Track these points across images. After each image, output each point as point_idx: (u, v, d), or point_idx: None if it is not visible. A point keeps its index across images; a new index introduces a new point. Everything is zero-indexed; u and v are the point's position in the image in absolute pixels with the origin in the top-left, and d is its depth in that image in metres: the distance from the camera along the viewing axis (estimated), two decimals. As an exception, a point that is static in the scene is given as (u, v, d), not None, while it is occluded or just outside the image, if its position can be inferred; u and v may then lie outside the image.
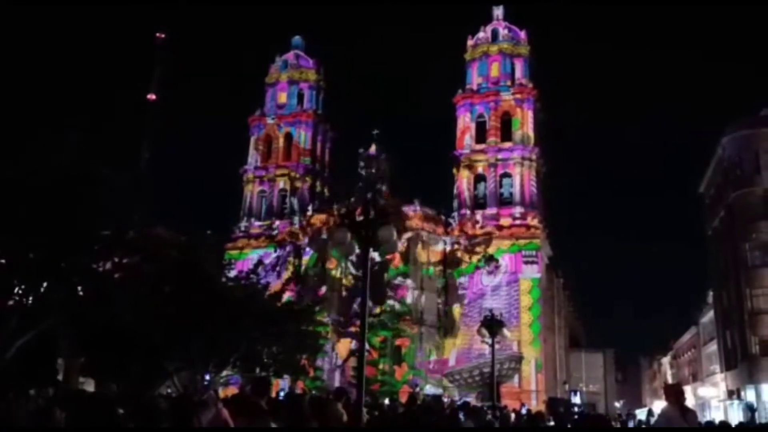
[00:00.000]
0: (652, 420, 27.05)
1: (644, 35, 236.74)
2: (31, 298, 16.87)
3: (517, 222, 57.53)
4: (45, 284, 16.84)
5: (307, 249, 59.57)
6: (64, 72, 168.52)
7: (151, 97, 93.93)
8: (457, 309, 56.69)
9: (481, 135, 62.04)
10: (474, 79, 64.44)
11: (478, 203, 59.98)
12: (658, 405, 43.03)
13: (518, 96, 61.60)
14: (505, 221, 58.10)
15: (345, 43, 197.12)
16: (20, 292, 16.81)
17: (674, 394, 8.81)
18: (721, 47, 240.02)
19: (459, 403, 21.57)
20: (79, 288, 17.22)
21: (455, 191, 61.05)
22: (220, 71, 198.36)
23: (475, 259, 57.57)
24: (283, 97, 70.41)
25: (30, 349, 17.27)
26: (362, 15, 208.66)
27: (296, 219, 61.91)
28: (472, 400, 34.03)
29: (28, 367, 18.82)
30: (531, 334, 54.05)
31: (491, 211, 59.06)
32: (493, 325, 24.12)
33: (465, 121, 62.62)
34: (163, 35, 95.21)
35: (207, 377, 20.42)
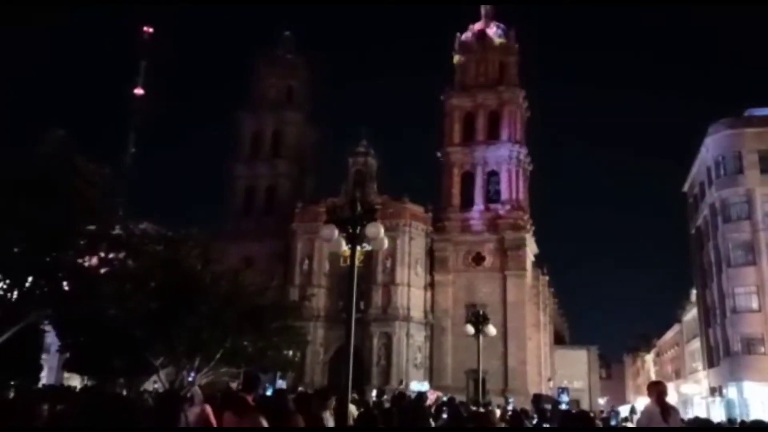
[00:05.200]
0: (635, 417, 27.33)
1: (634, 36, 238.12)
2: (15, 293, 16.75)
3: (504, 219, 57.78)
4: (29, 279, 16.72)
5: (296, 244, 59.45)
6: (51, 67, 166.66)
7: (138, 91, 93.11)
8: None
9: (469, 133, 62.20)
10: (462, 77, 64.53)
11: (466, 201, 60.17)
12: (641, 401, 43.43)
13: (506, 94, 61.80)
14: (492, 219, 58.34)
15: (334, 40, 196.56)
16: (4, 286, 16.69)
17: (657, 391, 8.92)
18: (708, 48, 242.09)
19: (444, 398, 21.66)
20: (64, 283, 17.10)
21: (443, 189, 61.18)
22: (208, 66, 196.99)
23: (461, 255, 57.88)
24: (271, 93, 70.08)
25: (15, 344, 17.16)
26: (351, 12, 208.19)
27: (284, 214, 61.67)
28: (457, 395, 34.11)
29: (13, 361, 18.72)
30: (516, 330, 54.39)
31: (478, 208, 59.29)
32: (478, 321, 24.16)
33: (453, 119, 62.72)
34: (149, 29, 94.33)
35: (192, 373, 20.33)
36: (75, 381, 29.26)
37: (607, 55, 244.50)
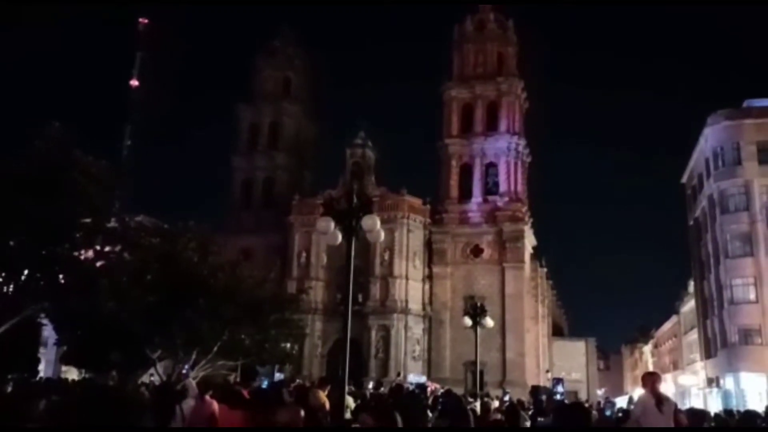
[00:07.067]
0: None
1: (632, 32, 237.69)
2: (11, 286, 16.76)
3: (502, 211, 57.77)
4: (26, 272, 16.72)
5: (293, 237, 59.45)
6: (51, 61, 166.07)
7: (134, 82, 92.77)
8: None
9: (467, 125, 62.06)
10: (460, 69, 64.32)
11: (464, 193, 60.12)
12: (639, 392, 43.63)
13: (504, 85, 61.61)
14: (491, 211, 58.33)
15: (331, 35, 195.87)
16: (0, 279, 16.69)
17: (651, 381, 8.99)
18: (707, 40, 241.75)
19: (441, 390, 21.71)
20: (60, 276, 17.10)
21: (441, 181, 61.14)
22: (208, 62, 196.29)
23: (460, 247, 57.95)
24: (269, 85, 69.88)
25: (12, 337, 17.19)
26: (348, 7, 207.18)
27: (282, 207, 61.62)
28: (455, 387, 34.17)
29: (11, 354, 18.74)
30: (514, 322, 54.48)
31: (477, 200, 59.26)
32: (476, 313, 24.23)
33: (451, 110, 62.57)
34: (145, 21, 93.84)
35: (186, 366, 20.34)
36: (73, 374, 29.31)
37: (604, 48, 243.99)
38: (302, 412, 7.54)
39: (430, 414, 12.15)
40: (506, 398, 24.48)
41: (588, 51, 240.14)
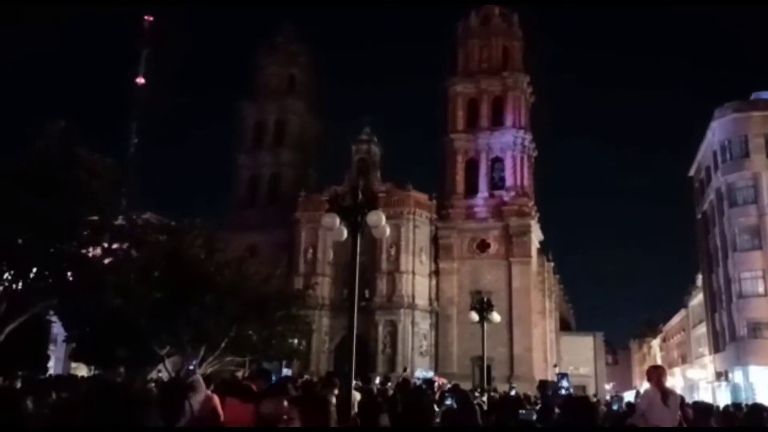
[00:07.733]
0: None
1: (635, 28, 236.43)
2: (20, 284, 16.87)
3: (509, 206, 57.65)
4: (34, 270, 16.83)
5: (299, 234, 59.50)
6: (48, 62, 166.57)
7: (139, 80, 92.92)
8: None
9: (472, 120, 61.91)
10: (465, 64, 64.15)
11: (470, 188, 60.03)
12: (647, 387, 43.55)
13: (510, 80, 61.42)
14: (497, 205, 58.23)
15: (335, 32, 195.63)
16: (9, 278, 16.80)
17: (656, 375, 8.99)
18: (708, 39, 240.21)
19: (448, 385, 21.72)
20: (68, 274, 17.20)
21: (447, 176, 61.03)
22: (213, 61, 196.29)
23: (466, 242, 57.89)
24: (273, 82, 69.84)
25: (22, 335, 17.31)
26: (349, 4, 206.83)
27: (287, 204, 61.70)
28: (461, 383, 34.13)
29: (20, 351, 18.87)
30: (521, 317, 54.42)
31: (483, 195, 59.16)
32: (483, 308, 24.19)
33: (456, 105, 62.43)
34: (149, 18, 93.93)
35: (194, 362, 20.45)
36: (82, 371, 29.50)
37: (607, 45, 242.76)
38: (285, 402, 7.48)
39: (436, 408, 12.16)
40: (512, 392, 24.45)
41: (591, 48, 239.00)
